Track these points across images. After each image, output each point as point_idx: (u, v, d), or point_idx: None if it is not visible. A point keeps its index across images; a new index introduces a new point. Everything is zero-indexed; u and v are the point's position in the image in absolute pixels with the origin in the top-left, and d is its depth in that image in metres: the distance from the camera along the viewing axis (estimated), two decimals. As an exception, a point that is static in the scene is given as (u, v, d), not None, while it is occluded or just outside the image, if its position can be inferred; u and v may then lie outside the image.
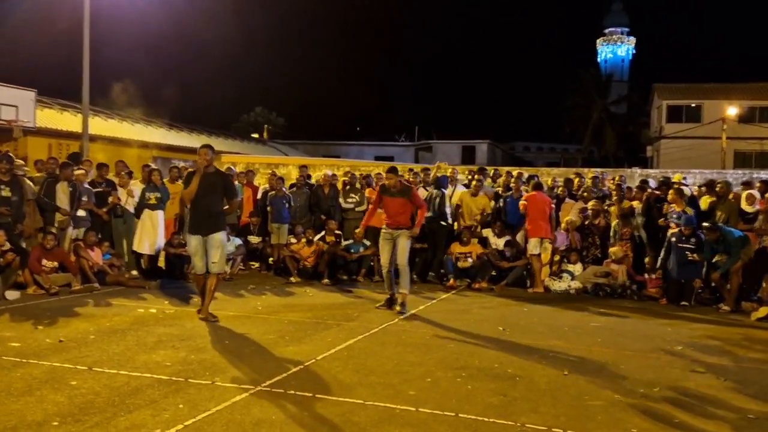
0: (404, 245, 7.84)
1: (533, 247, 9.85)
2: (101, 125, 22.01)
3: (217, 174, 7.11)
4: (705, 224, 8.81)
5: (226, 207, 7.19)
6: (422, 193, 10.24)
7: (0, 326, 6.48)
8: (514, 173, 11.65)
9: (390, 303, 7.93)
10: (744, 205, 9.40)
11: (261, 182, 12.80)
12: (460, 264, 10.07)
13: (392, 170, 8.01)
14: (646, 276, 9.52)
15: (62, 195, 9.17)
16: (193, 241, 6.96)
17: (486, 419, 4.12)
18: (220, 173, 7.31)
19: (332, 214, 11.08)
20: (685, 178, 11.61)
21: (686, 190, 10.05)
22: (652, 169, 28.33)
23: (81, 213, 9.49)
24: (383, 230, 8.05)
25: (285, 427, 3.91)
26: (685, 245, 8.88)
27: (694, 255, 8.79)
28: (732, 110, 33.59)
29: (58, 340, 5.87)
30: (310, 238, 10.39)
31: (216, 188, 6.97)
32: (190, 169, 7.45)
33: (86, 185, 9.76)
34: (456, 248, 10.19)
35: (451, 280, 9.96)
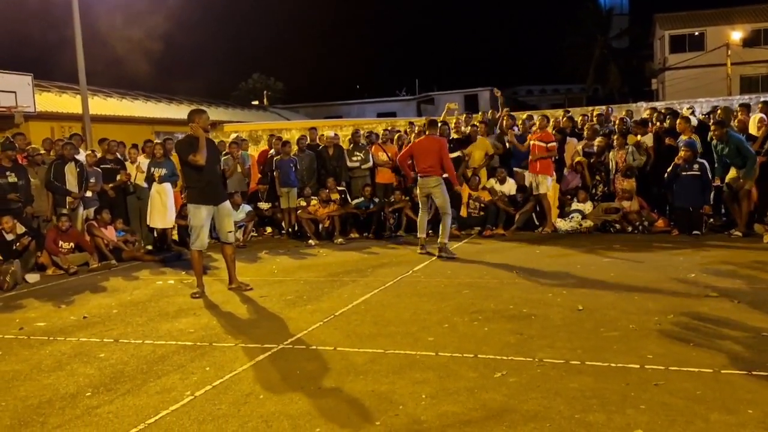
0: None
1: (543, 186, 9.90)
2: (101, 104, 21.98)
3: (210, 140, 6.78)
4: (711, 123, 8.76)
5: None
6: None
7: (24, 308, 6.65)
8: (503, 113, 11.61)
9: None
10: (753, 130, 9.29)
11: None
12: (471, 211, 10.15)
13: None
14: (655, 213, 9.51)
15: (71, 177, 9.26)
16: (204, 212, 6.58)
17: (504, 357, 4.21)
18: (211, 139, 6.94)
19: (338, 174, 11.11)
20: (691, 109, 11.46)
21: (693, 120, 9.97)
22: (658, 102, 27.99)
23: (88, 194, 9.60)
24: None
25: (311, 379, 4.01)
26: (689, 172, 8.84)
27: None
28: (736, 35, 32.87)
29: (83, 317, 6.02)
30: (325, 198, 10.43)
31: (216, 154, 6.90)
32: (185, 136, 6.90)
33: (94, 167, 9.83)
34: (467, 190, 10.22)
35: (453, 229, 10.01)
